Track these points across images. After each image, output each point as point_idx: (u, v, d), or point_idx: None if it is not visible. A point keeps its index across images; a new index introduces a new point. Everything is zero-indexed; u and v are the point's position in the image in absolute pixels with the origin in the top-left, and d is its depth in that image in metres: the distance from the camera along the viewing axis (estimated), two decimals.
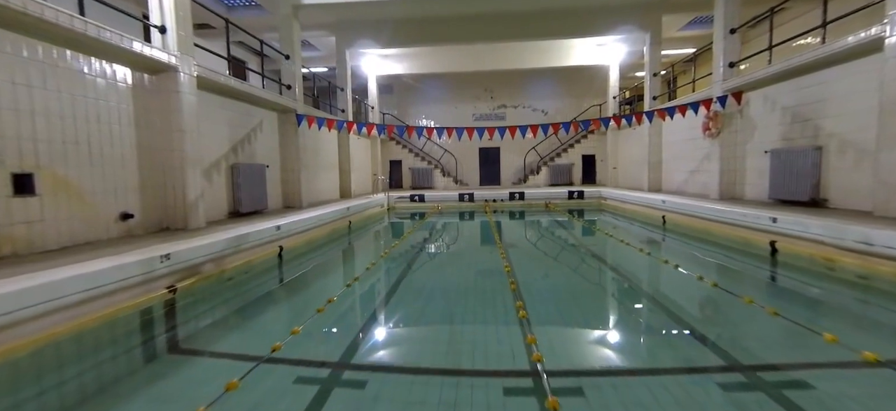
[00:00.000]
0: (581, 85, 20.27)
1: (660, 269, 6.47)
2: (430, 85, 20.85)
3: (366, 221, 12.37)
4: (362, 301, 5.28)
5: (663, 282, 6.03)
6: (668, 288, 5.74)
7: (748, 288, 5.39)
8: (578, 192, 15.48)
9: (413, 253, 8.26)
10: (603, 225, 10.97)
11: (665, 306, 4.85)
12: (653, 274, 6.51)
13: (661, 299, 5.21)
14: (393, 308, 5.01)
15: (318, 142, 13.16)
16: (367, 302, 5.30)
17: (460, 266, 7.52)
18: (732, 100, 9.48)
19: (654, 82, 13.89)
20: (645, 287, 5.97)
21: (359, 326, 4.43)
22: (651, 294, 5.60)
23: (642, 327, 4.31)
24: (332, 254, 8.41)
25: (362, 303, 5.22)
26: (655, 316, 4.60)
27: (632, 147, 16.53)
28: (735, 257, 7.05)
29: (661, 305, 4.93)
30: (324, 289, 5.88)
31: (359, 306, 5.10)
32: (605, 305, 5.18)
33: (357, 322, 4.60)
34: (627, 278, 6.27)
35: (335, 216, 10.12)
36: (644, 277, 6.48)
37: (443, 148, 20.82)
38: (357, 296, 5.42)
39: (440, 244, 9.45)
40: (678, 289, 5.51)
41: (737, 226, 7.74)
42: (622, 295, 5.56)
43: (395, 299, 5.34)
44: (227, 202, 8.62)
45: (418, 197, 15.84)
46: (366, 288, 5.82)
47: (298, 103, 10.93)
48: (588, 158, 19.80)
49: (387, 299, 5.38)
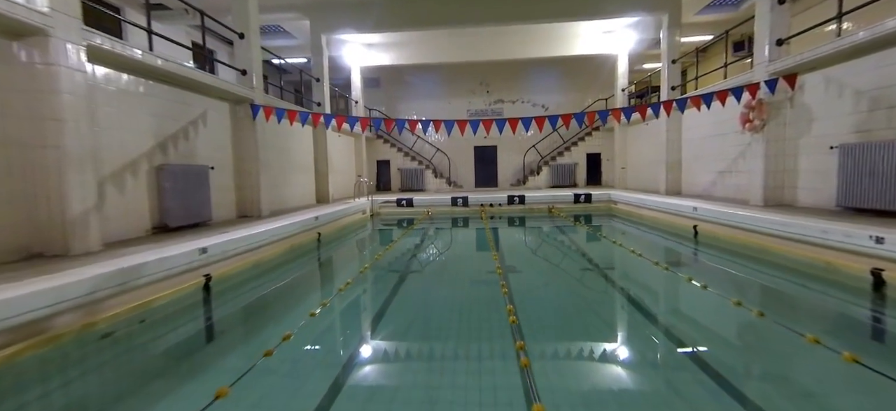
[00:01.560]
0: (585, 77, 18.37)
1: (700, 301, 4.79)
2: (421, 78, 18.90)
3: (342, 231, 10.41)
4: (324, 344, 3.92)
5: (707, 317, 4.39)
6: (718, 326, 4.16)
7: (848, 340, 3.62)
8: (585, 195, 13.60)
9: (392, 276, 6.43)
10: (617, 235, 9.07)
11: (718, 356, 3.35)
12: (690, 305, 4.84)
13: (710, 342, 3.77)
14: (364, 352, 3.71)
15: (288, 140, 11.19)
16: (328, 346, 3.94)
17: (450, 291, 5.76)
18: (784, 84, 7.59)
19: (673, 70, 12.00)
20: (682, 325, 4.30)
21: (316, 381, 3.03)
22: (692, 335, 3.94)
23: (679, 382, 2.98)
24: (291, 277, 6.48)
25: (324, 347, 3.89)
26: (696, 368, 3.18)
27: (644, 145, 14.65)
28: (811, 287, 5.18)
29: (710, 353, 3.46)
30: (271, 327, 4.29)
31: (317, 354, 3.70)
32: (630, 350, 3.67)
33: (313, 373, 3.18)
34: (656, 313, 4.63)
35: (298, 228, 8.16)
36: (678, 311, 4.81)
37: (435, 146, 18.89)
38: (316, 335, 4.02)
39: (428, 261, 7.56)
40: (732, 329, 4.01)
41: (812, 244, 5.82)
42: (652, 336, 3.97)
43: (368, 339, 4.06)
44: (149, 214, 6.64)
45: (405, 201, 13.91)
46: (323, 328, 4.25)
47: (256, 92, 8.96)
48: (593, 157, 17.92)
49: (356, 339, 4.13)
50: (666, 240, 8.71)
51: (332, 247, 8.97)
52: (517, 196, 13.71)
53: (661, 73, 12.25)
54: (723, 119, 10.01)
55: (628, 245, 7.70)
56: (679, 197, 11.12)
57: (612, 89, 17.50)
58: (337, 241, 9.54)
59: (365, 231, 11.30)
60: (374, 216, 13.45)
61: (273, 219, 8.49)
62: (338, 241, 9.57)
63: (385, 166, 18.45)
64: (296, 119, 8.42)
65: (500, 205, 13.73)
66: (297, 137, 11.78)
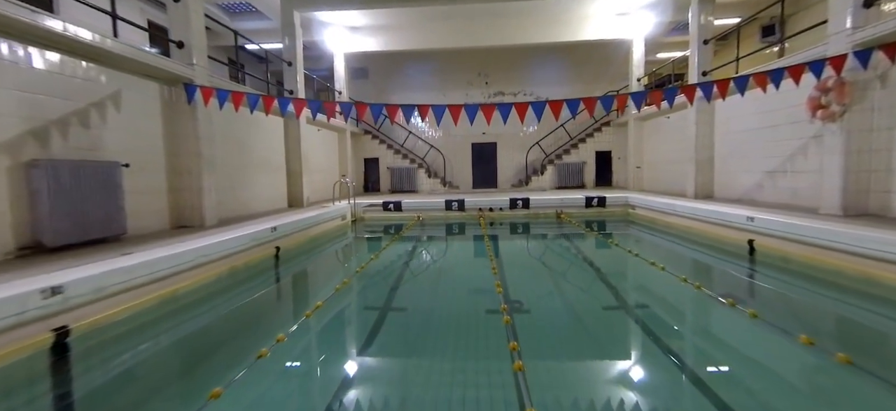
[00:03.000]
0: (595, 67, 16.44)
1: (768, 344, 3.46)
2: (413, 68, 16.96)
3: (312, 243, 8.47)
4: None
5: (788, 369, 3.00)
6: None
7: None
8: (599, 199, 11.69)
9: (362, 315, 4.69)
10: (644, 249, 7.16)
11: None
12: (756, 349, 3.45)
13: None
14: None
15: (251, 134, 9.25)
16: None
17: (441, 329, 4.16)
18: (882, 56, 5.68)
19: (705, 52, 10.07)
20: (751, 381, 2.91)
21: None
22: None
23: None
24: (224, 312, 4.63)
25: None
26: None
27: (664, 141, 12.72)
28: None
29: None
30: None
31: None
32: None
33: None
34: (715, 361, 3.33)
35: (245, 243, 6.21)
36: (741, 356, 3.42)
37: (428, 143, 16.95)
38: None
39: (412, 287, 5.70)
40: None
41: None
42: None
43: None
44: (12, 229, 4.68)
45: (393, 205, 11.97)
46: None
47: (197, 71, 6.99)
48: (603, 156, 16.00)
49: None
50: (706, 257, 6.82)
51: (294, 264, 7.06)
52: (520, 199, 11.80)
53: (691, 56, 10.32)
54: (772, 107, 8.11)
55: (663, 264, 5.78)
56: (711, 201, 9.20)
57: (625, 79, 15.60)
58: (304, 256, 7.62)
59: (342, 242, 9.36)
60: (356, 222, 11.52)
61: (216, 230, 6.55)
62: (305, 256, 7.65)
63: (373, 165, 16.50)
64: (242, 103, 6.46)
65: (500, 209, 11.81)
66: (263, 131, 9.83)
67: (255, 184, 9.51)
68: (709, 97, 6.08)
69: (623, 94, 6.85)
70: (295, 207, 10.84)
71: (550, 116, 7.14)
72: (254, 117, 9.40)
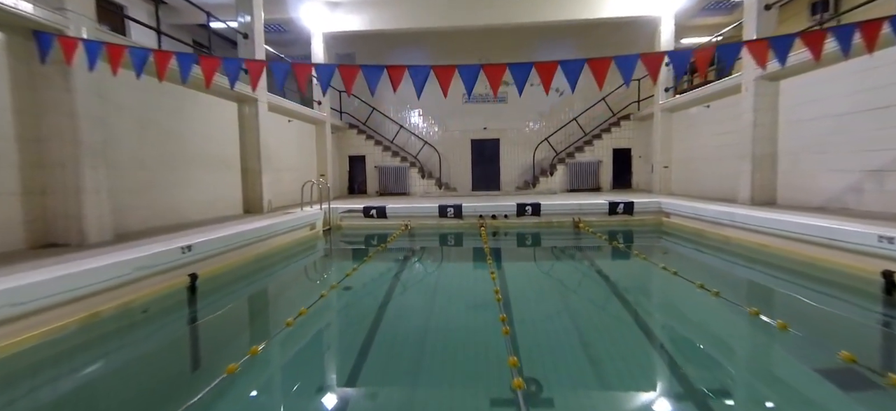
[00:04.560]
0: (613, 50, 14.17)
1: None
2: (405, 53, 14.69)
3: (260, 263, 6.19)
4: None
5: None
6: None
7: None
8: (625, 205, 9.42)
9: (320, 356, 3.20)
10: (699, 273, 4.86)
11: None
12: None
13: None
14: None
15: (183, 118, 6.99)
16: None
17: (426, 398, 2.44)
18: None
19: (766, 19, 7.80)
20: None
21: None
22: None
23: None
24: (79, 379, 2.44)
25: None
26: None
27: (701, 134, 10.44)
28: None
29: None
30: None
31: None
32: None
33: None
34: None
35: (117, 275, 3.96)
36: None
37: (422, 139, 14.68)
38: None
39: (390, 324, 3.69)
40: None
41: None
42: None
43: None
44: None
45: (375, 211, 9.70)
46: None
47: (71, 18, 4.73)
48: (621, 154, 13.72)
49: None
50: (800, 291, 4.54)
51: (222, 296, 4.83)
52: (529, 204, 9.53)
53: (746, 25, 8.06)
54: (880, 84, 5.85)
55: (752, 306, 3.52)
56: (774, 208, 6.94)
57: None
58: (242, 283, 5.37)
59: (306, 259, 7.09)
60: (331, 231, 9.26)
61: (99, 250, 4.30)
62: (244, 283, 5.40)
63: (359, 163, 14.23)
64: (121, 62, 4.18)
65: (505, 216, 9.54)
66: (205, 117, 7.58)
67: (191, 184, 7.25)
68: (847, 48, 3.81)
69: (705, 49, 4.58)
70: (253, 213, 8.58)
71: (558, 109, 4.86)
72: (191, 99, 7.15)
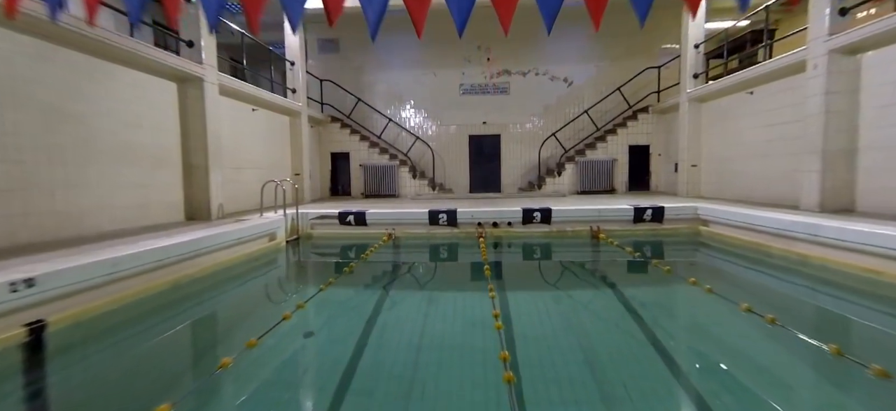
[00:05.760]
0: (629, 36, 12.45)
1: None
2: (396, 39, 12.97)
3: (186, 290, 4.46)
4: None
5: None
6: None
7: None
8: (654, 210, 7.71)
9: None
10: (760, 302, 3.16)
11: None
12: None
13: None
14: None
15: (83, 97, 5.24)
16: None
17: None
18: None
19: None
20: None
21: None
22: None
23: None
24: None
25: None
26: None
27: (743, 127, 8.67)
28: None
29: None
30: None
31: None
32: None
33: None
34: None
35: None
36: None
37: (413, 134, 12.95)
38: None
39: (353, 378, 2.12)
40: None
41: None
42: None
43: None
44: None
45: (353, 217, 7.98)
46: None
47: None
48: (638, 151, 12.01)
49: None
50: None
51: (89, 354, 3.10)
52: (538, 210, 7.81)
53: None
54: None
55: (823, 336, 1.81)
56: (854, 217, 5.22)
57: (669, 54, 11.76)
58: (135, 326, 3.61)
59: (251, 282, 5.35)
60: (299, 241, 7.55)
61: None
62: (139, 325, 3.64)
63: (343, 161, 12.50)
64: None
65: (509, 224, 7.83)
66: (127, 96, 5.85)
67: (101, 184, 5.52)
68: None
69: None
70: (198, 220, 6.86)
71: (566, 101, 3.16)
72: (104, 72, 5.42)
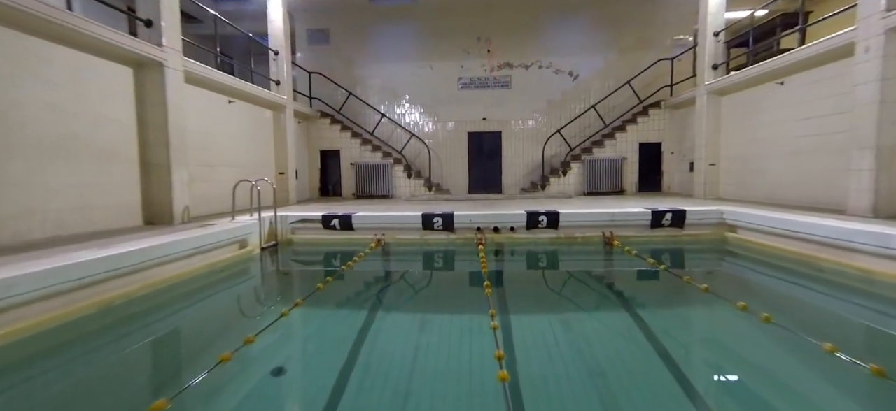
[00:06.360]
0: (639, 26, 11.58)
1: None
2: (390, 29, 12.11)
3: (133, 308, 3.57)
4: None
5: None
6: None
7: None
8: (674, 215, 6.85)
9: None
10: (808, 324, 2.31)
11: None
12: None
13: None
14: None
15: (15, 79, 4.40)
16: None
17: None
18: None
19: None
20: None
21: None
22: None
23: None
24: None
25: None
26: None
27: (771, 121, 7.77)
28: None
29: None
30: None
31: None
32: None
33: None
34: None
35: None
36: None
37: (408, 131, 12.07)
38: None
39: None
40: None
41: None
42: None
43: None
44: None
45: (338, 221, 7.11)
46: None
47: None
48: (649, 149, 11.14)
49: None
50: None
51: None
52: (544, 213, 6.94)
53: None
54: None
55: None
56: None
57: (682, 46, 10.95)
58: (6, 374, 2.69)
59: (214, 297, 4.47)
60: (278, 248, 6.68)
61: None
62: (13, 373, 2.72)
63: (333, 159, 11.62)
64: None
65: (511, 228, 6.95)
66: (69, 82, 4.98)
67: (31, 184, 4.66)
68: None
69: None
70: (158, 225, 5.99)
71: (571, 95, 2.33)
72: (23, 50, 4.56)
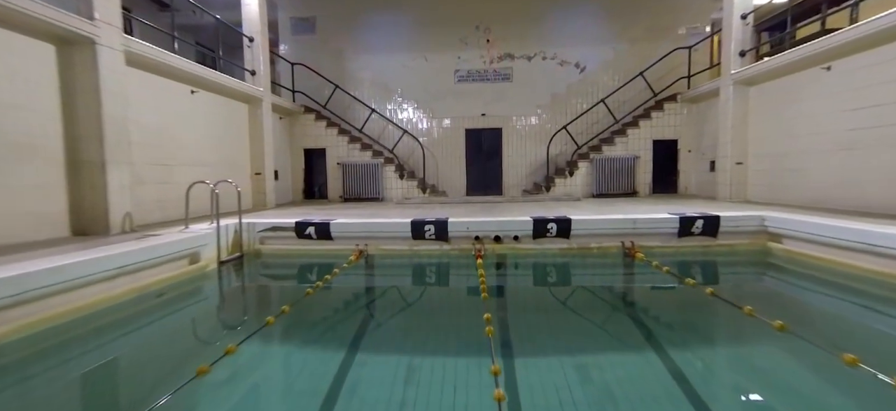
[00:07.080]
0: (651, 13, 10.58)
1: None
2: (383, 18, 11.10)
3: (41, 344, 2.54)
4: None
5: None
6: None
7: None
8: (705, 221, 5.84)
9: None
10: None
11: None
12: None
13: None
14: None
15: None
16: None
17: None
18: None
19: None
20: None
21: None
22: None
23: None
24: None
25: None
26: None
27: (812, 113, 6.73)
28: None
29: None
30: None
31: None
32: None
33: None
34: None
35: None
36: None
37: (400, 127, 11.04)
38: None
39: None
40: None
41: None
42: None
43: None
44: None
45: (314, 229, 6.07)
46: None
47: None
48: (664, 147, 10.12)
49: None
50: None
51: None
52: (554, 220, 5.90)
53: None
54: None
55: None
56: None
57: (698, 34, 9.97)
58: None
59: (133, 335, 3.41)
60: (243, 260, 5.65)
61: None
62: None
63: (319, 159, 10.58)
64: None
65: (515, 237, 5.92)
66: None
67: None
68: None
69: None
70: (90, 235, 4.95)
71: (578, 89, 1.28)
72: None
